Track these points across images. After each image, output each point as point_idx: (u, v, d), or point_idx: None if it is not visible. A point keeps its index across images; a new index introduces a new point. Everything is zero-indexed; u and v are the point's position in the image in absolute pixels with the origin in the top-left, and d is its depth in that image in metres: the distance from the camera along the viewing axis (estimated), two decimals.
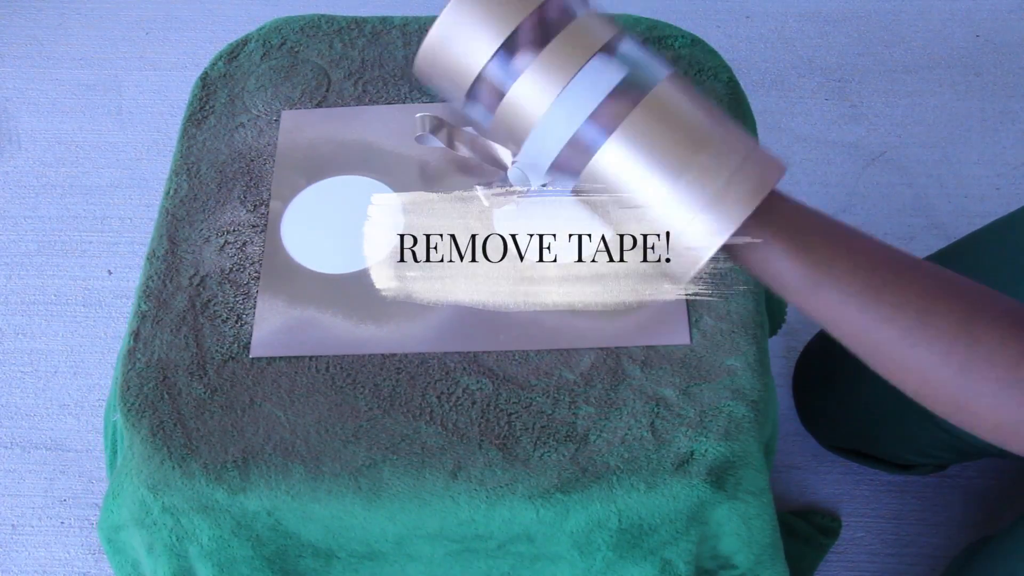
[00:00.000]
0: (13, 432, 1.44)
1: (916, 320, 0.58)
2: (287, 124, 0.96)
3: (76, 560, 1.33)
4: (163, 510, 0.78)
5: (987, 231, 1.05)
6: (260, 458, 0.77)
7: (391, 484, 0.76)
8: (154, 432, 0.79)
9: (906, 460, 1.23)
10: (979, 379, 0.57)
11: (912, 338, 0.58)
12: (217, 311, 0.85)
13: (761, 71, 1.75)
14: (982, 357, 0.56)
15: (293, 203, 0.91)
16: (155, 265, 0.88)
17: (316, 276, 0.87)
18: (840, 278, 0.59)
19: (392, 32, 1.03)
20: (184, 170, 0.94)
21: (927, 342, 0.57)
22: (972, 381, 0.57)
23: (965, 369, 0.57)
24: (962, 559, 1.16)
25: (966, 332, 0.57)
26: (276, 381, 0.81)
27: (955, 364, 0.57)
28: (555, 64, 0.59)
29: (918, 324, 0.58)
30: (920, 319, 0.58)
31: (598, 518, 0.76)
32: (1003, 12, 1.80)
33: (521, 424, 0.78)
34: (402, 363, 0.82)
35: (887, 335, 0.58)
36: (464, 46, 0.60)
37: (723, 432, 0.77)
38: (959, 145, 1.64)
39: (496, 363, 0.82)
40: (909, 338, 0.58)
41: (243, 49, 1.03)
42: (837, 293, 0.59)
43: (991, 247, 1.02)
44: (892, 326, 0.58)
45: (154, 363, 0.83)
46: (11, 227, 1.64)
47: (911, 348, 0.58)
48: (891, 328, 0.58)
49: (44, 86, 1.82)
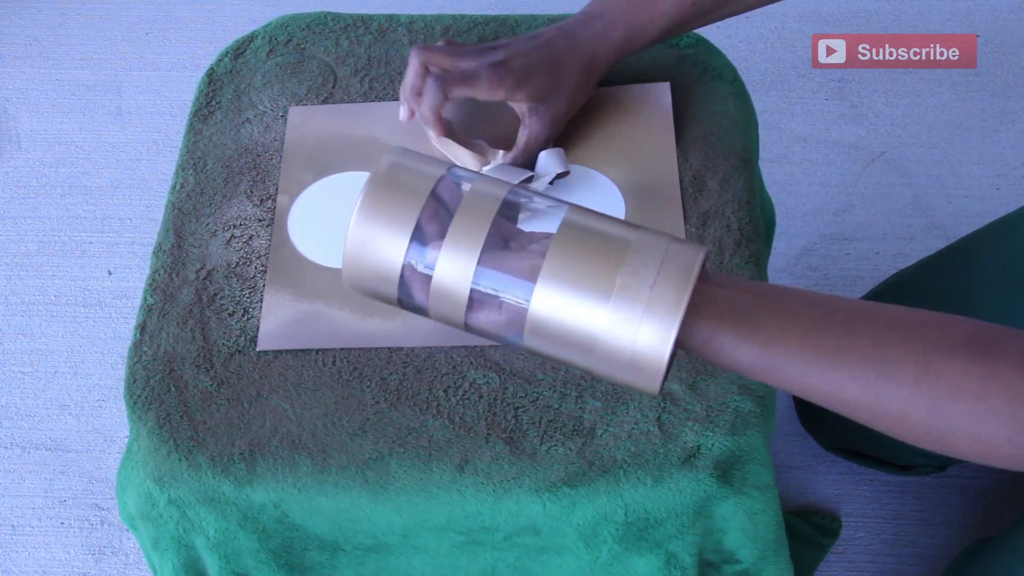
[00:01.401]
0: (13, 432, 1.44)
1: (875, 372, 0.58)
2: (294, 120, 0.96)
3: (76, 560, 1.33)
4: (169, 502, 0.77)
5: (987, 231, 1.06)
6: (267, 451, 0.77)
7: (398, 477, 0.76)
8: (160, 424, 0.79)
9: (906, 460, 1.23)
10: (950, 415, 0.57)
11: (876, 390, 0.58)
12: (224, 304, 0.85)
13: (761, 71, 1.76)
14: (947, 395, 0.57)
15: (300, 198, 0.91)
16: (161, 259, 0.88)
17: (323, 270, 0.87)
18: (793, 350, 0.59)
19: (398, 29, 1.03)
20: (191, 165, 0.94)
21: (891, 391, 0.58)
22: (945, 418, 0.57)
23: (934, 409, 0.57)
24: (962, 559, 1.16)
25: (926, 371, 0.57)
26: (283, 374, 0.81)
27: (923, 407, 0.57)
28: (461, 239, 0.60)
29: (878, 376, 0.58)
30: (878, 371, 0.58)
31: (604, 511, 0.76)
32: (1003, 12, 1.81)
33: (528, 418, 0.79)
34: (409, 357, 0.82)
35: (852, 392, 0.59)
36: (378, 256, 0.62)
37: (729, 427, 0.77)
38: (959, 145, 1.65)
39: (503, 357, 0.82)
40: (873, 390, 0.58)
41: (249, 45, 1.03)
42: (794, 365, 0.59)
43: (991, 247, 1.03)
44: (854, 383, 0.58)
45: (160, 356, 0.83)
46: (11, 227, 1.64)
47: (877, 400, 0.58)
48: (854, 385, 0.58)
49: (44, 86, 1.82)
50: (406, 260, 0.61)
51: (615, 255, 0.59)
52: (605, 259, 0.59)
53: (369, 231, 0.61)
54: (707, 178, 0.91)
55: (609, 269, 0.58)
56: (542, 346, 0.61)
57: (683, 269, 0.58)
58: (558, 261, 0.59)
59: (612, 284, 0.58)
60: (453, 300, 0.61)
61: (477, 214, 0.61)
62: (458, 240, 0.60)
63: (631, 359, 0.59)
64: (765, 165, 1.60)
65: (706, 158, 0.92)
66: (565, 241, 0.59)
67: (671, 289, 0.57)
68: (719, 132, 0.94)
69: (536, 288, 0.59)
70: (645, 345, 0.58)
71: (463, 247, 0.60)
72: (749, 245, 0.87)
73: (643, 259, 0.58)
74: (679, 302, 0.57)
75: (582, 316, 0.59)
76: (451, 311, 0.62)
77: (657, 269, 0.58)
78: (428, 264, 0.61)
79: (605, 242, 0.59)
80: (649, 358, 0.58)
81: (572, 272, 0.59)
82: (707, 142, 0.93)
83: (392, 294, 0.63)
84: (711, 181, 0.90)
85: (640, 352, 0.58)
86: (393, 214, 0.61)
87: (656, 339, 0.58)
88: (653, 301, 0.57)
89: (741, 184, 0.91)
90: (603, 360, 0.59)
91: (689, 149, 0.93)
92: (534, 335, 0.61)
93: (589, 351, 0.60)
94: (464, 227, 0.60)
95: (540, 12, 1.05)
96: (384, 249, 0.61)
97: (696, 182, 0.90)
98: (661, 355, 0.58)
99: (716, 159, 0.92)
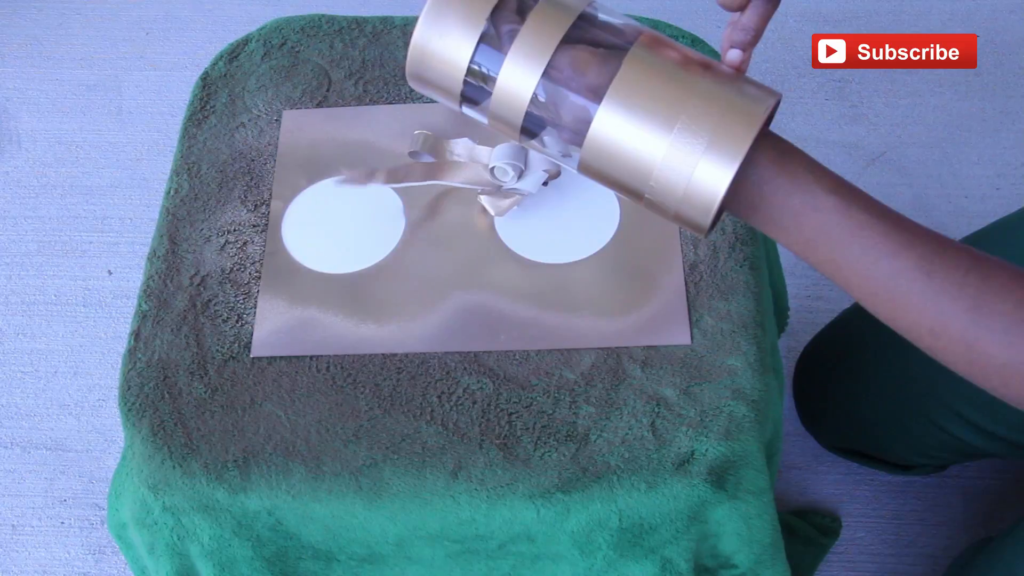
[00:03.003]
0: (13, 432, 1.44)
1: (931, 250, 0.58)
2: (288, 124, 0.96)
3: (76, 560, 1.33)
4: (164, 510, 0.78)
5: (987, 231, 1.05)
6: (261, 458, 0.77)
7: (392, 484, 0.76)
8: (155, 431, 0.79)
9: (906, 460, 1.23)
10: (990, 314, 0.57)
11: (929, 266, 0.58)
12: (218, 311, 0.85)
13: (761, 71, 1.75)
14: (993, 291, 0.57)
15: (294, 203, 0.91)
16: (156, 265, 0.88)
17: (317, 276, 0.87)
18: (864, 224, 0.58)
19: (393, 32, 1.03)
20: (185, 170, 0.94)
21: (943, 272, 0.57)
22: (983, 316, 0.57)
23: (977, 303, 0.57)
24: (963, 560, 1.16)
25: (977, 268, 0.57)
26: (277, 381, 0.81)
27: (968, 297, 0.57)
28: (532, 41, 0.59)
29: (933, 253, 0.58)
30: (934, 249, 0.58)
31: (599, 517, 0.76)
32: (1003, 12, 1.80)
33: (522, 424, 0.78)
34: (403, 363, 0.82)
35: (902, 264, 0.58)
36: (446, 48, 0.61)
37: (724, 432, 0.77)
38: (959, 145, 1.64)
39: (496, 363, 0.82)
40: (925, 266, 0.58)
41: (244, 49, 1.03)
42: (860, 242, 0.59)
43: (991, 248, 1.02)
44: (911, 252, 0.58)
45: (155, 363, 0.83)
46: (11, 227, 1.64)
47: (926, 277, 0.58)
48: (908, 256, 0.58)
49: (44, 86, 1.82)
50: (474, 58, 0.60)
51: (686, 83, 0.58)
52: (677, 85, 0.58)
53: (440, 21, 0.60)
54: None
55: (679, 96, 0.58)
56: (598, 165, 0.61)
57: (751, 105, 0.58)
58: (627, 84, 0.58)
59: (679, 112, 0.57)
60: (515, 101, 0.60)
61: (553, 17, 0.59)
62: (528, 38, 0.59)
63: (685, 191, 0.58)
64: None
65: None
66: (638, 60, 0.59)
67: (738, 123, 0.57)
68: None
69: (603, 102, 0.58)
70: (705, 176, 0.58)
71: (533, 44, 0.59)
72: (744, 248, 0.87)
73: (712, 91, 0.58)
74: (745, 134, 0.57)
75: (645, 139, 0.58)
76: (511, 111, 0.61)
77: (729, 102, 0.58)
78: (498, 61, 0.60)
79: (677, 70, 0.59)
80: (703, 193, 0.58)
81: (641, 92, 0.58)
82: None
83: (455, 89, 0.62)
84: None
85: (698, 185, 0.58)
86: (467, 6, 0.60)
87: (717, 166, 0.57)
88: (716, 132, 0.57)
89: None
90: (659, 187, 0.59)
91: None
92: (593, 152, 0.60)
93: (645, 176, 0.59)
94: (541, 22, 0.59)
95: None
96: (453, 42, 0.60)
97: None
98: (720, 184, 0.57)
99: None
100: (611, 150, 0.59)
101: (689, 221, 0.60)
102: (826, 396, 1.20)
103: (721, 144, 0.57)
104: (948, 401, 0.98)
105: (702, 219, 0.59)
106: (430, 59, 0.61)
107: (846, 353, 1.15)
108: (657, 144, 0.58)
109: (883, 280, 0.59)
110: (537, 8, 0.60)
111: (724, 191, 0.58)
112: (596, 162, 0.60)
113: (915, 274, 0.58)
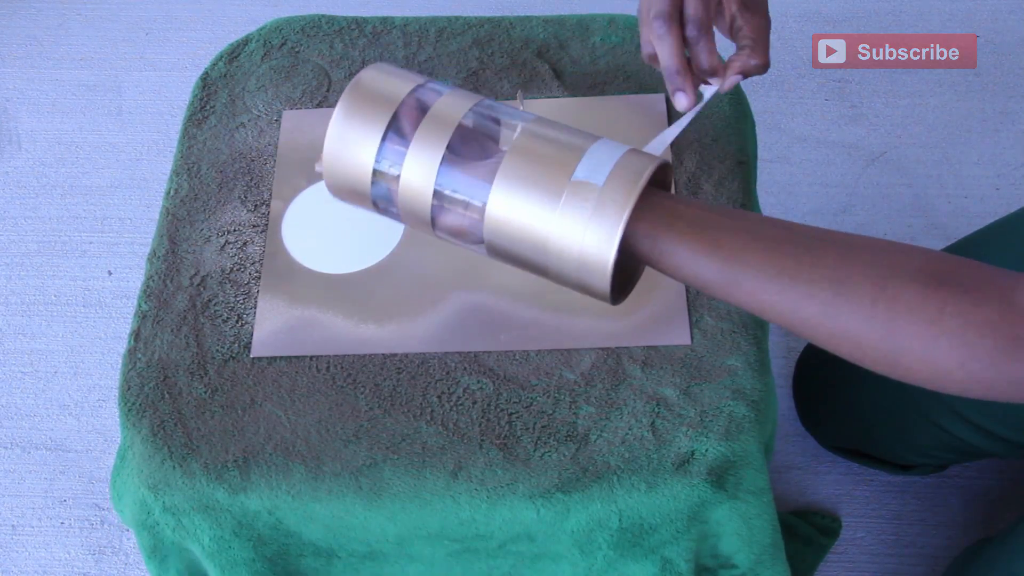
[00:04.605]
0: (13, 432, 1.44)
1: (833, 292, 0.58)
2: (288, 124, 0.96)
3: (76, 560, 1.33)
4: (164, 510, 0.78)
5: (987, 232, 1.05)
6: (261, 458, 0.77)
7: (392, 484, 0.76)
8: (155, 432, 0.79)
9: (906, 460, 1.23)
10: (904, 336, 0.57)
11: (833, 309, 0.59)
12: (218, 311, 0.85)
13: None
14: (902, 316, 0.57)
15: (294, 203, 0.91)
16: (156, 265, 0.88)
17: (317, 276, 0.87)
18: (753, 268, 0.60)
19: (393, 32, 1.03)
20: (185, 170, 0.94)
21: (848, 311, 0.58)
22: (898, 340, 0.58)
23: (890, 330, 0.58)
24: (962, 559, 1.16)
25: (884, 294, 0.58)
26: (277, 381, 0.81)
27: (879, 327, 0.58)
28: (426, 140, 0.62)
29: (836, 296, 0.58)
30: (836, 291, 0.58)
31: (599, 517, 0.76)
32: (1003, 12, 1.80)
33: (522, 424, 0.78)
34: (403, 363, 0.82)
35: (810, 312, 0.59)
36: (353, 155, 0.64)
37: (723, 432, 0.77)
38: (959, 145, 1.64)
39: (496, 363, 0.82)
40: (831, 310, 0.59)
41: (244, 49, 1.03)
42: (753, 282, 0.60)
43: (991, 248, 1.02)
44: (812, 302, 0.59)
45: (155, 363, 0.83)
46: (11, 227, 1.64)
47: (834, 320, 0.59)
48: (812, 304, 0.59)
49: (44, 86, 1.82)
50: (378, 160, 0.63)
51: (569, 159, 0.60)
52: (559, 163, 0.60)
53: (344, 132, 0.63)
54: (702, 180, 0.90)
55: (562, 172, 0.60)
56: (501, 245, 0.63)
57: (635, 173, 0.59)
58: (514, 163, 0.61)
59: (563, 186, 0.60)
60: (418, 200, 0.63)
61: (444, 119, 0.62)
62: (424, 141, 0.62)
63: (579, 258, 0.60)
64: (765, 165, 1.59)
65: (701, 160, 0.92)
66: (523, 146, 0.61)
67: (620, 191, 0.59)
68: (714, 134, 0.93)
69: (492, 188, 0.61)
70: (593, 246, 0.59)
71: (428, 147, 0.62)
72: None
73: (596, 164, 0.60)
74: (626, 204, 0.58)
75: (534, 215, 0.60)
76: (417, 210, 0.64)
77: (608, 173, 0.59)
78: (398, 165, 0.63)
79: (561, 148, 0.61)
80: (596, 258, 0.59)
81: (526, 173, 0.60)
82: (702, 144, 0.93)
83: (366, 194, 0.65)
84: (706, 183, 0.90)
85: (587, 252, 0.59)
86: (367, 116, 0.63)
87: (604, 236, 0.59)
88: (602, 202, 0.59)
89: (736, 186, 0.90)
90: (556, 260, 0.61)
91: (684, 151, 0.92)
92: (492, 234, 0.62)
93: (543, 251, 0.61)
94: (431, 130, 0.62)
95: (536, 13, 1.05)
96: (357, 150, 0.63)
97: (691, 184, 0.90)
98: (606, 255, 0.59)
99: (711, 161, 0.92)
100: (507, 228, 0.61)
101: (591, 288, 0.62)
102: (826, 396, 1.20)
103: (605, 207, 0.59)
104: (948, 401, 0.98)
105: (600, 284, 0.61)
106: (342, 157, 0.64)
107: None
108: (548, 216, 0.60)
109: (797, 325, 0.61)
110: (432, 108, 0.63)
111: (614, 253, 0.59)
112: (498, 240, 0.62)
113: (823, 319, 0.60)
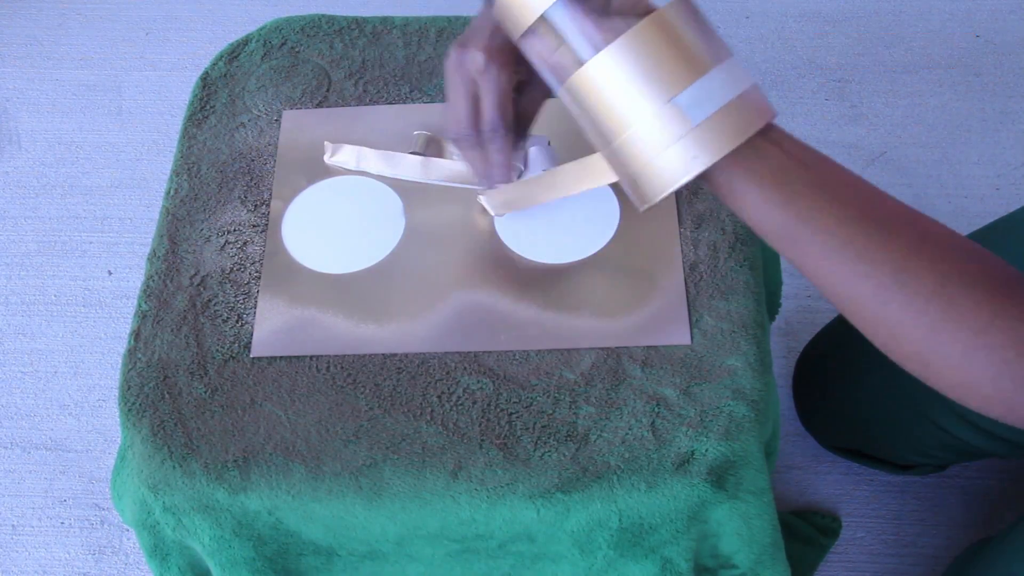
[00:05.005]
0: (13, 432, 1.44)
1: (893, 278, 0.57)
2: (288, 124, 0.96)
3: (76, 560, 1.33)
4: (164, 510, 0.78)
5: (986, 231, 1.05)
6: (261, 458, 0.77)
7: (392, 484, 0.76)
8: (155, 432, 0.79)
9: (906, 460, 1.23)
10: (947, 340, 0.56)
11: (887, 295, 0.57)
12: (218, 311, 0.85)
13: (761, 71, 1.75)
14: (953, 320, 0.56)
15: (294, 203, 0.91)
16: (156, 265, 0.88)
17: (317, 276, 0.87)
18: (822, 231, 0.58)
19: (393, 32, 1.03)
20: (185, 170, 0.94)
21: (901, 301, 0.57)
22: (940, 342, 0.57)
23: (935, 330, 0.57)
24: (962, 559, 1.16)
25: (941, 294, 0.57)
26: (277, 381, 0.81)
27: (926, 324, 0.57)
28: None
29: (894, 283, 0.57)
30: (896, 278, 0.57)
31: (599, 517, 0.76)
32: (1003, 12, 1.80)
33: (522, 424, 0.78)
34: (403, 363, 0.82)
35: (862, 291, 0.58)
36: None
37: (724, 432, 0.77)
38: (959, 145, 1.64)
39: (496, 363, 0.82)
40: (884, 295, 0.57)
41: (244, 49, 1.03)
42: (818, 247, 0.59)
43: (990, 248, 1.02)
44: (868, 282, 0.58)
45: (155, 363, 0.83)
46: (11, 227, 1.64)
47: (884, 306, 0.58)
48: (867, 284, 0.58)
49: (44, 86, 1.82)
50: None
51: (697, 66, 0.57)
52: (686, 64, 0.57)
53: None
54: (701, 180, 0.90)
55: (684, 74, 0.57)
56: (572, 104, 0.60)
57: (749, 115, 0.57)
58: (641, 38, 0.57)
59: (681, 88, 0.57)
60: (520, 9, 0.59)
61: None
62: None
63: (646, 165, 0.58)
64: None
65: None
66: (661, 22, 0.57)
67: (729, 126, 0.57)
68: None
69: (602, 51, 0.57)
70: (672, 159, 0.57)
71: None
72: (744, 248, 0.87)
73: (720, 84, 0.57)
74: (730, 139, 0.56)
75: (633, 98, 0.57)
76: (516, 15, 0.60)
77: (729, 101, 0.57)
78: None
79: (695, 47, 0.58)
80: (667, 172, 0.57)
81: (651, 52, 0.57)
82: None
83: None
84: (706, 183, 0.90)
85: (661, 163, 0.57)
86: None
87: (688, 157, 0.57)
88: (705, 124, 0.56)
89: None
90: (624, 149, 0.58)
91: None
92: (573, 90, 0.59)
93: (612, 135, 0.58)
94: None
95: None
96: None
97: (691, 184, 0.90)
98: (682, 174, 0.57)
99: None
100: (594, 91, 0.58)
101: (640, 189, 0.60)
102: (826, 396, 1.20)
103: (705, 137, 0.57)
104: (948, 401, 0.98)
105: (651, 193, 0.59)
106: None
107: (846, 353, 1.15)
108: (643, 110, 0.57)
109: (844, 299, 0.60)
110: None
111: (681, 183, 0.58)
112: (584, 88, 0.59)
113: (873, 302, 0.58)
